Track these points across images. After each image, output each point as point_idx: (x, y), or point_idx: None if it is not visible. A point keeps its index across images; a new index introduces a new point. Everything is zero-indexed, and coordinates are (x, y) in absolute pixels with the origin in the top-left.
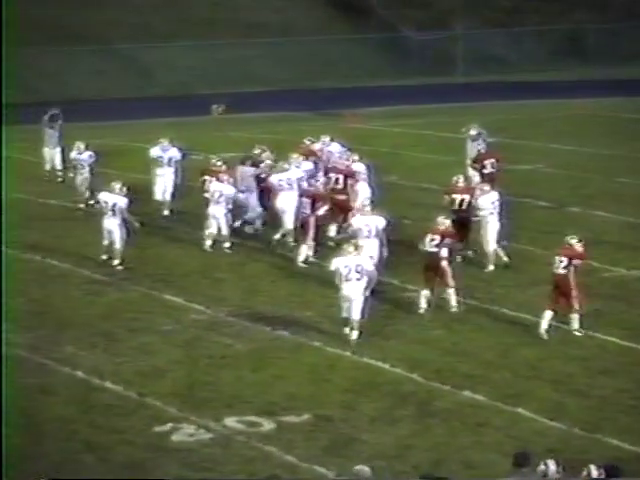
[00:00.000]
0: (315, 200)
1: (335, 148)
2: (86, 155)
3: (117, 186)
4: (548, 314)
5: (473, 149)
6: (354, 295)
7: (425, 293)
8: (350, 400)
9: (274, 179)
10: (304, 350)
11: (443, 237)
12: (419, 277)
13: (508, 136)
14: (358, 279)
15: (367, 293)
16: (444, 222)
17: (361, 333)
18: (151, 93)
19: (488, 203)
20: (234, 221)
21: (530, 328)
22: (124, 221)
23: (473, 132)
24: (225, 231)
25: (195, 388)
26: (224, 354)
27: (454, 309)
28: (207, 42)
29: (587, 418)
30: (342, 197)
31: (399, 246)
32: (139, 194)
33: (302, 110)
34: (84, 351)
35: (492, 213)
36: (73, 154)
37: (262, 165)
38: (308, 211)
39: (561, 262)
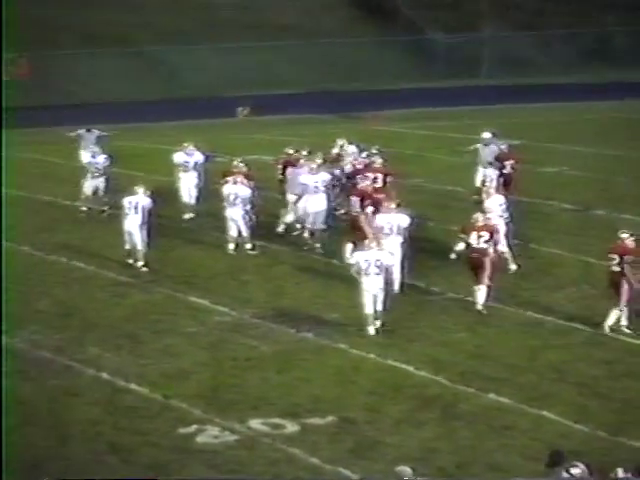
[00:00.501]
0: (363, 198)
1: (351, 150)
2: (101, 159)
3: (140, 190)
4: (613, 313)
5: (486, 153)
6: (374, 290)
7: (479, 287)
8: (375, 402)
9: (309, 181)
10: (329, 352)
11: (492, 234)
12: (453, 279)
13: (532, 138)
14: (377, 273)
15: (390, 289)
16: (486, 218)
17: (383, 325)
18: (176, 95)
19: (496, 205)
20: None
21: (555, 331)
22: (145, 222)
23: (486, 136)
24: (245, 232)
25: (220, 390)
26: (249, 356)
27: (480, 307)
28: (232, 45)
29: (610, 421)
30: (382, 195)
31: (424, 248)
32: (163, 196)
33: (327, 113)
34: (109, 353)
35: (501, 216)
36: (88, 157)
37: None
38: (358, 209)
39: (613, 260)
